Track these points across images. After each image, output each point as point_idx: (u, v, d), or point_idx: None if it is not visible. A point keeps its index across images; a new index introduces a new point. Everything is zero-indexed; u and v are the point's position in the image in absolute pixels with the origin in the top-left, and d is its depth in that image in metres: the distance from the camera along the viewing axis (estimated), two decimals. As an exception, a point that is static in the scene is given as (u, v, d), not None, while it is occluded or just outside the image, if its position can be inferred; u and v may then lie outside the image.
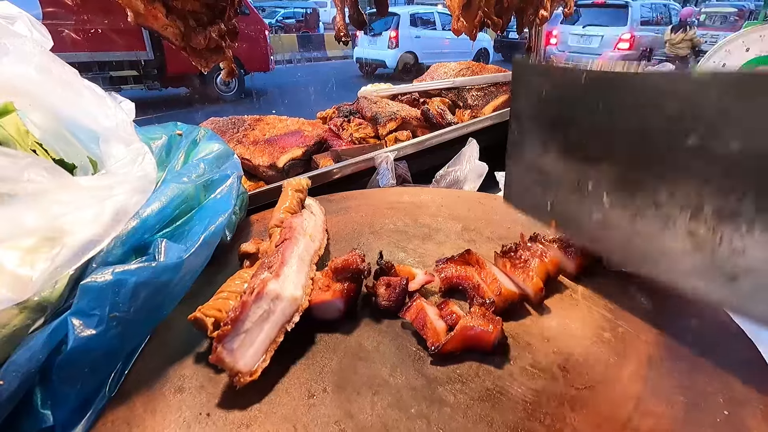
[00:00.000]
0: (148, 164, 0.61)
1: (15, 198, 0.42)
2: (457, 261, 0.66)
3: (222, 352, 0.48)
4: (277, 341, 0.53)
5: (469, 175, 1.27)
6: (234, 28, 1.20)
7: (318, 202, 0.85)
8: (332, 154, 1.37)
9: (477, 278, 0.63)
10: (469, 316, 0.55)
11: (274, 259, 0.59)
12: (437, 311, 0.59)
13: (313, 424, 0.46)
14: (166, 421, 0.47)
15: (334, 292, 0.60)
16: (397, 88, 1.89)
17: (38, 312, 0.49)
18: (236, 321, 0.50)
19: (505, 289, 0.60)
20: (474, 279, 0.63)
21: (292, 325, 0.55)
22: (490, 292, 0.60)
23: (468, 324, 0.54)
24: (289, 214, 0.73)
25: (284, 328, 0.54)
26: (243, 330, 0.50)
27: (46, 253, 0.47)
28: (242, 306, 0.51)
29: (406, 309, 0.58)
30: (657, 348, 0.55)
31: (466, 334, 0.53)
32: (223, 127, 1.47)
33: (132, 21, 0.99)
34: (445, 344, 0.53)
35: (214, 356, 0.48)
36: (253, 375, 0.49)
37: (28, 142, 0.62)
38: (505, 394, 0.49)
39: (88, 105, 0.64)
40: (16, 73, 0.59)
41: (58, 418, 0.46)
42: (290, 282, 0.57)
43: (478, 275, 0.64)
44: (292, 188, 0.79)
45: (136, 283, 0.49)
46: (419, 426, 0.46)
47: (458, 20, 1.59)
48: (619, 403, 0.47)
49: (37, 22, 0.70)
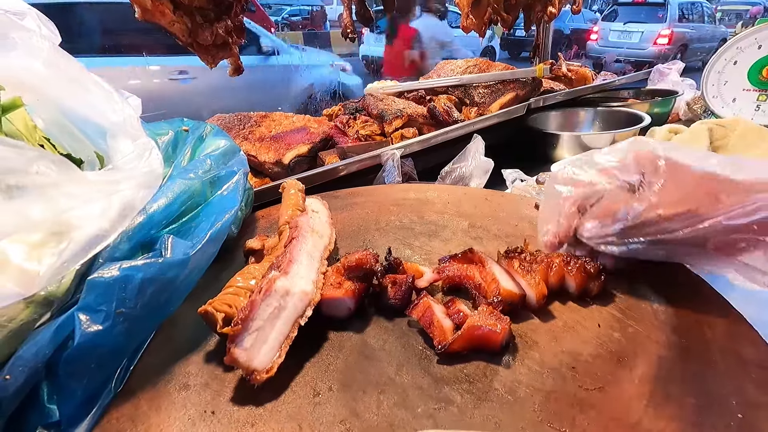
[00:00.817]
0: (155, 160, 0.61)
1: (23, 190, 0.42)
2: (459, 259, 0.65)
3: (236, 352, 0.48)
4: (291, 336, 0.53)
5: (475, 172, 1.26)
6: (241, 25, 1.20)
7: (320, 199, 0.84)
8: (338, 151, 1.36)
9: (478, 277, 0.62)
10: (477, 315, 0.54)
11: (282, 258, 0.58)
12: (444, 309, 0.58)
13: (318, 423, 0.46)
14: (171, 419, 0.47)
15: (346, 290, 0.59)
16: (403, 85, 1.88)
17: (45, 307, 0.49)
18: (246, 320, 0.50)
19: (503, 289, 0.58)
20: (476, 278, 0.63)
21: (305, 320, 0.55)
22: (490, 292, 0.59)
23: (475, 323, 0.53)
24: (299, 211, 0.72)
25: (297, 323, 0.54)
26: (254, 328, 0.50)
27: (53, 247, 0.47)
28: (251, 305, 0.51)
29: (412, 307, 0.58)
30: (668, 349, 0.54)
31: (474, 333, 0.53)
32: (229, 124, 1.47)
33: (139, 16, 0.99)
34: (452, 343, 0.53)
35: (228, 357, 0.48)
36: (269, 372, 0.49)
37: (35, 137, 0.62)
38: (512, 395, 0.48)
39: (95, 100, 0.64)
40: (23, 67, 0.59)
41: (64, 413, 0.46)
42: (300, 278, 0.57)
43: (479, 274, 0.63)
44: (295, 188, 0.79)
45: (142, 279, 0.49)
46: (426, 426, 0.45)
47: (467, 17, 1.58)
48: (628, 404, 0.47)
49: (46, 18, 0.70)
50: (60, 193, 0.44)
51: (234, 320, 0.50)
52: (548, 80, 2.10)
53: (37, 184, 0.42)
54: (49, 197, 0.43)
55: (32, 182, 0.42)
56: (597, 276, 0.61)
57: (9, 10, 0.65)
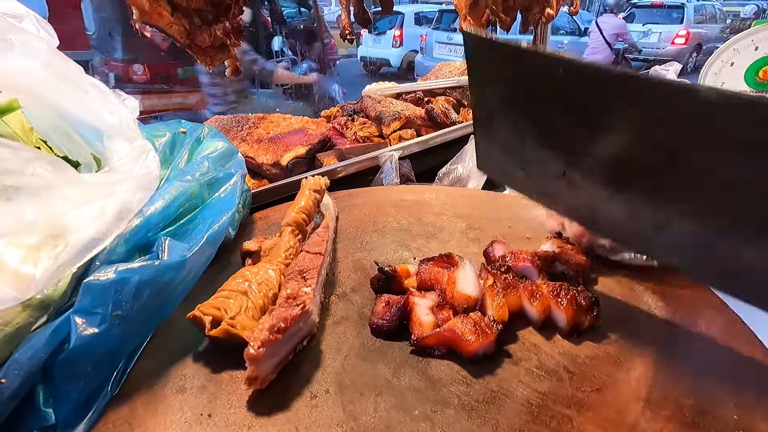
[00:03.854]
0: (152, 162, 0.61)
1: (18, 192, 0.42)
2: (436, 262, 0.65)
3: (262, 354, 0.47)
4: (288, 358, 0.53)
5: (473, 173, 1.26)
6: (239, 27, 1.19)
7: (334, 203, 0.85)
8: (336, 153, 1.36)
9: (445, 281, 0.62)
10: (460, 321, 0.54)
11: (311, 274, 0.60)
12: (430, 306, 0.58)
13: (315, 426, 0.46)
14: (167, 422, 0.47)
15: None
16: (401, 87, 1.88)
17: (41, 310, 0.49)
18: (286, 331, 0.50)
19: (457, 293, 0.58)
20: (443, 281, 0.62)
21: (302, 347, 0.56)
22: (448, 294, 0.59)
23: (452, 327, 0.53)
24: (303, 214, 0.72)
25: (296, 348, 0.55)
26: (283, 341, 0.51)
27: (49, 251, 0.46)
28: (293, 319, 0.51)
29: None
30: (665, 350, 0.54)
31: (446, 336, 0.53)
32: (227, 125, 1.47)
33: (137, 18, 0.99)
34: (425, 338, 0.54)
35: (255, 353, 0.47)
36: (262, 384, 0.49)
37: (32, 139, 0.62)
38: (510, 396, 0.48)
39: (92, 102, 0.64)
40: (20, 68, 0.59)
41: (59, 417, 0.45)
42: (316, 305, 0.59)
43: (448, 278, 0.61)
44: (310, 188, 0.78)
45: (139, 282, 0.49)
46: (423, 428, 0.45)
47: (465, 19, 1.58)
48: (626, 406, 0.47)
49: (43, 20, 0.70)
50: (55, 195, 0.44)
51: (274, 327, 0.49)
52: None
53: (32, 186, 0.42)
54: (44, 199, 0.43)
55: (27, 183, 0.42)
56: (589, 309, 0.56)
57: (7, 13, 0.65)
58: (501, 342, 0.54)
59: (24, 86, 0.61)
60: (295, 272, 0.59)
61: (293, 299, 0.54)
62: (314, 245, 0.67)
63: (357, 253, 0.77)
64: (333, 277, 0.71)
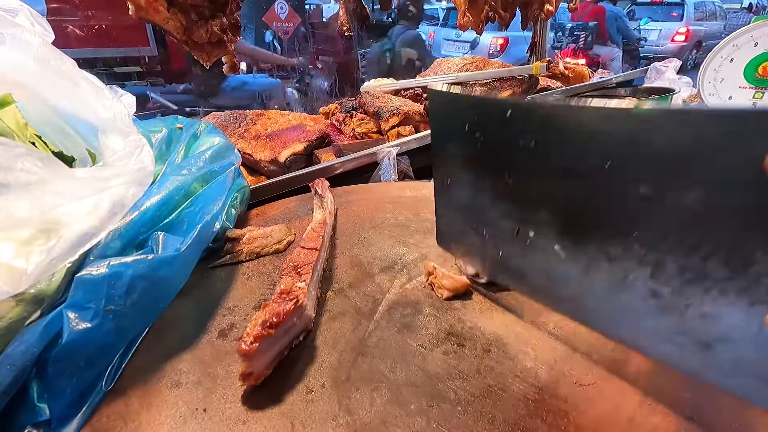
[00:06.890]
0: (146, 156, 0.60)
1: (8, 187, 0.41)
2: None
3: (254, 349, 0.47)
4: (283, 354, 0.53)
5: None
6: (236, 23, 1.19)
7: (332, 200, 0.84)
8: (334, 149, 1.36)
9: None
10: None
11: (306, 269, 0.59)
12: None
13: (311, 420, 0.46)
14: (162, 416, 0.47)
15: None
16: (400, 83, 1.88)
17: (35, 305, 0.49)
18: (279, 326, 0.50)
19: None
20: None
21: (297, 342, 0.55)
22: None
23: None
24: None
25: (291, 343, 0.54)
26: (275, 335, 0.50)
27: (42, 245, 0.46)
28: (285, 314, 0.51)
29: None
30: (662, 345, 0.53)
31: None
32: (224, 122, 1.46)
33: (133, 14, 0.98)
34: None
35: (247, 348, 0.46)
36: (257, 381, 0.49)
37: (27, 134, 0.61)
38: (506, 391, 0.48)
39: (86, 96, 0.64)
40: (13, 63, 0.59)
41: (54, 412, 0.45)
42: (311, 300, 0.58)
43: None
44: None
45: (132, 276, 0.49)
46: (419, 422, 0.45)
47: (464, 15, 1.58)
48: (622, 400, 0.46)
49: (39, 15, 0.69)
50: (47, 190, 0.44)
51: (267, 321, 0.49)
52: (545, 78, 2.10)
53: (22, 181, 0.42)
54: (35, 194, 0.43)
55: (16, 179, 0.42)
56: None
57: (1, 7, 0.65)
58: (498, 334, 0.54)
59: (17, 80, 0.61)
60: (289, 267, 0.59)
61: (287, 294, 0.53)
62: (310, 240, 0.66)
63: (354, 249, 0.77)
64: (330, 273, 0.70)
